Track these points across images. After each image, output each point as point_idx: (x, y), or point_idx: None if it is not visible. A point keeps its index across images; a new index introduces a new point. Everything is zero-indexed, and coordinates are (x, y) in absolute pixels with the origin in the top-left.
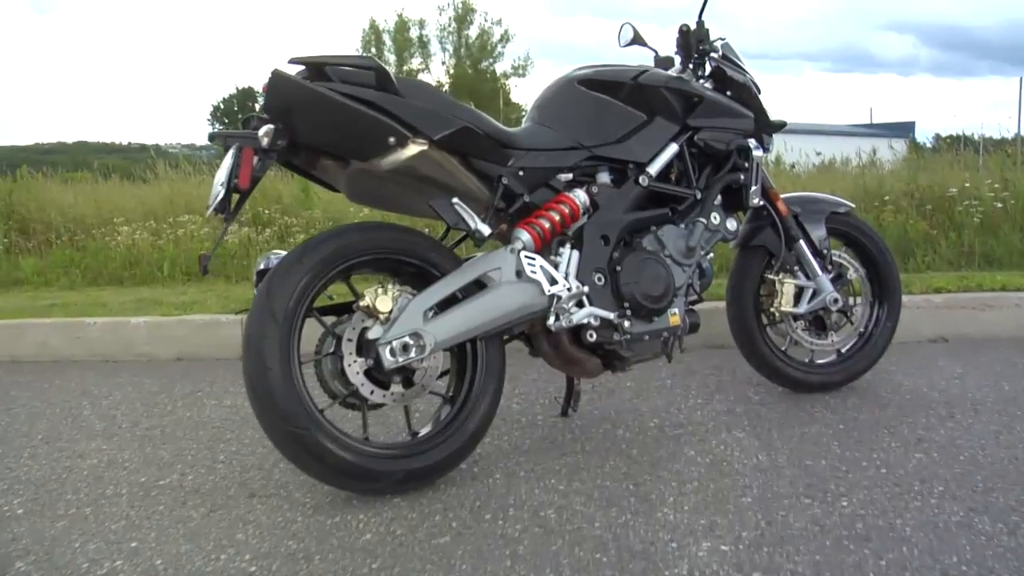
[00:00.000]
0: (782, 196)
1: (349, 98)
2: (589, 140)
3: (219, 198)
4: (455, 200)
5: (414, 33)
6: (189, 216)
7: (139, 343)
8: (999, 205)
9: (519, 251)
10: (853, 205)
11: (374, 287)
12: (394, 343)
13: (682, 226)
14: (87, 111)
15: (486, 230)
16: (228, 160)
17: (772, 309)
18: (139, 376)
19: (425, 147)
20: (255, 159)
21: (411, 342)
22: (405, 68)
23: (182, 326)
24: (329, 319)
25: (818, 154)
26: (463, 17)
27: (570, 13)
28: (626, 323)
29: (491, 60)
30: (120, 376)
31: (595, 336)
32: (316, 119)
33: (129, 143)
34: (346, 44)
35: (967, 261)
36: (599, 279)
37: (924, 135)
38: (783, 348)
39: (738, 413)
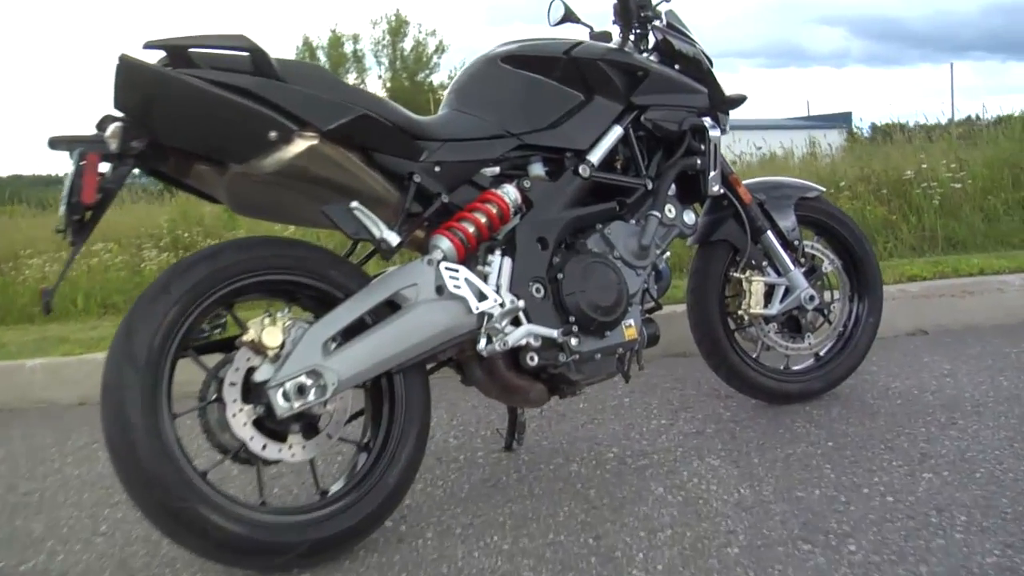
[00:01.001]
0: (743, 182)
1: (218, 86)
2: (517, 126)
3: (63, 216)
4: (354, 205)
5: (348, 48)
6: (103, 244)
7: (36, 388)
8: (958, 186)
9: (438, 262)
10: (823, 188)
11: (260, 317)
12: (287, 385)
13: (632, 222)
14: (24, 145)
15: (394, 239)
16: (71, 169)
17: (740, 311)
18: (33, 427)
19: (314, 142)
20: (102, 167)
21: (308, 382)
22: None
23: (83, 366)
24: (219, 358)
25: (758, 148)
26: (397, 30)
27: (506, 21)
28: (573, 341)
29: (428, 71)
30: (11, 428)
31: (537, 359)
32: (178, 114)
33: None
34: None
35: (930, 245)
36: (538, 290)
37: (861, 125)
38: (754, 355)
39: (709, 435)
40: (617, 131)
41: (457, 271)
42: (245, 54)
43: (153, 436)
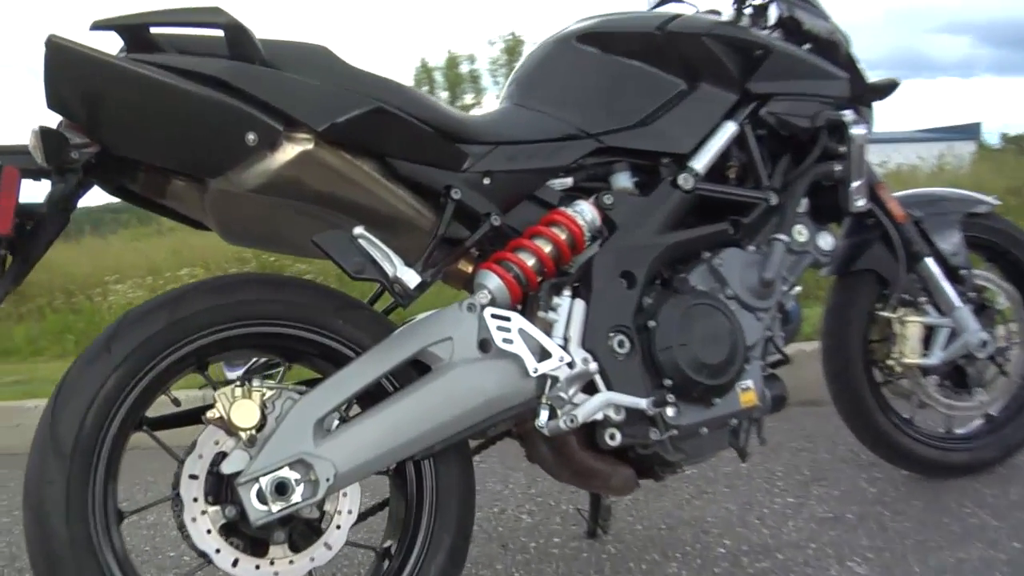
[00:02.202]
0: (895, 195)
1: (180, 75)
2: (596, 124)
3: None
4: (359, 231)
5: (465, 68)
6: (189, 269)
7: None
8: None
9: (483, 307)
10: (997, 201)
11: (230, 386)
12: (263, 481)
13: (751, 248)
14: None
15: (412, 279)
16: None
17: (890, 360)
18: None
19: (308, 146)
20: (44, 187)
21: (293, 477)
22: (458, 104)
23: None
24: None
25: (883, 162)
26: (513, 49)
27: None
28: (669, 412)
29: None
30: None
31: (620, 437)
32: (129, 114)
33: None
34: None
35: None
36: (620, 344)
37: (991, 136)
38: (908, 415)
39: (850, 523)
40: (729, 128)
41: (508, 319)
42: (218, 31)
43: (83, 549)
